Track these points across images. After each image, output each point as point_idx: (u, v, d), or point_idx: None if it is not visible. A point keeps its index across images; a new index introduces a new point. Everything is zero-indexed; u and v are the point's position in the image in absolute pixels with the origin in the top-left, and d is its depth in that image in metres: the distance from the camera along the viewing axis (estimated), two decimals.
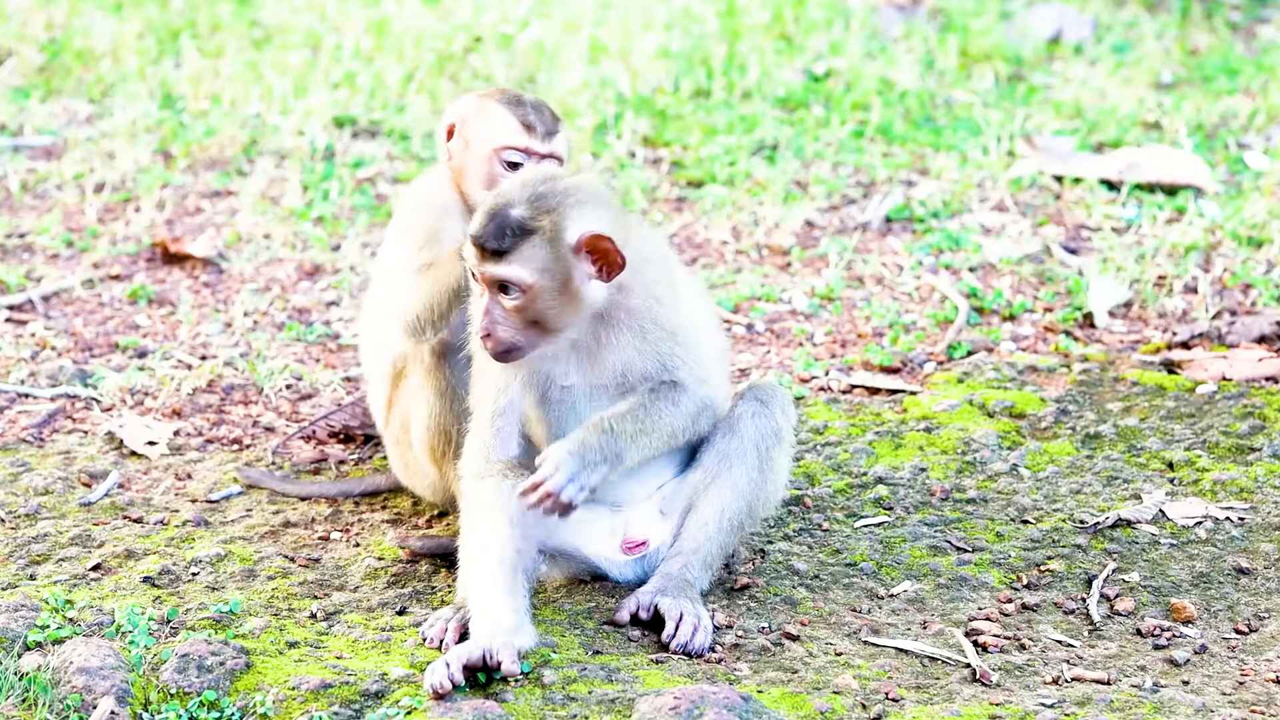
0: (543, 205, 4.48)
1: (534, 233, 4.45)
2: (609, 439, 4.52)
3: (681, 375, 4.63)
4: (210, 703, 4.31)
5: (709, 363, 4.71)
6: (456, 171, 5.05)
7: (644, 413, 4.58)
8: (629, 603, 4.62)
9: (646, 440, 4.58)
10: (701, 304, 4.85)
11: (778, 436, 4.77)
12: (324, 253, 6.95)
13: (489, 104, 5.04)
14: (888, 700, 4.33)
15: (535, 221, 4.46)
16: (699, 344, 4.69)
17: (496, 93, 5.09)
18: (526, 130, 4.99)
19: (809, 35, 9.25)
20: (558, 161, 4.99)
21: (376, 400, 5.18)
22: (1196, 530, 5.11)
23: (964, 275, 6.76)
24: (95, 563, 4.88)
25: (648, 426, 4.57)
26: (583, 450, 4.48)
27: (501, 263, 4.46)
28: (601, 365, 4.62)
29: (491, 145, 4.99)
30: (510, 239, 4.45)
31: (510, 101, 5.04)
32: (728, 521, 4.71)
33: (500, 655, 4.26)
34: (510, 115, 5.00)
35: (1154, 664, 4.56)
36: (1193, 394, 5.81)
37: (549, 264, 4.46)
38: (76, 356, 6.17)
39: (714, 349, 4.79)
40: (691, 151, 7.87)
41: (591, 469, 4.49)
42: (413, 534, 5.11)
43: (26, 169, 7.68)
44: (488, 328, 4.51)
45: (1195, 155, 7.76)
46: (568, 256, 4.47)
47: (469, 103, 5.09)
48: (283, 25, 9.26)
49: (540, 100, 5.09)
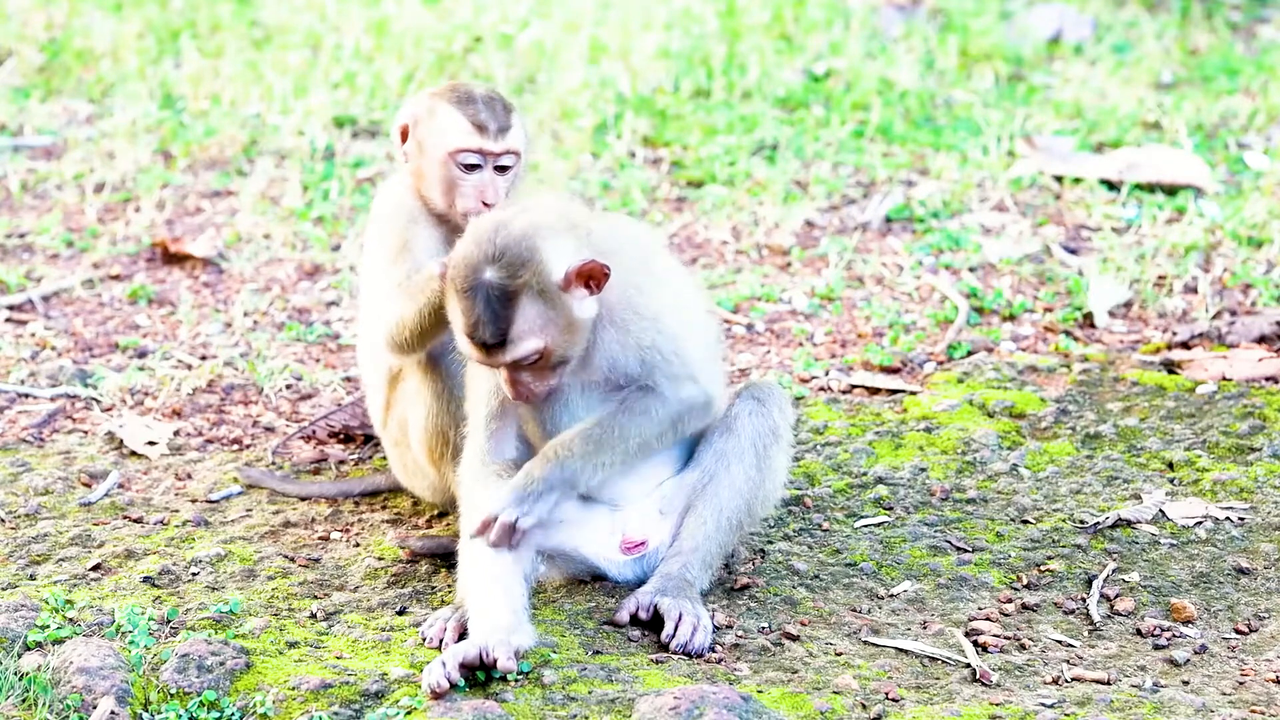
0: (514, 260, 4.39)
1: (519, 293, 4.39)
2: (555, 467, 4.54)
3: (658, 379, 4.59)
4: (210, 703, 4.31)
5: (694, 355, 4.65)
6: (415, 176, 4.94)
7: (602, 431, 4.56)
8: (629, 603, 4.62)
9: (608, 456, 4.57)
10: (686, 289, 4.78)
11: (775, 435, 4.77)
12: (324, 253, 6.95)
13: (439, 104, 4.90)
14: (888, 700, 4.33)
15: (516, 281, 4.38)
16: (684, 334, 4.64)
17: (446, 91, 4.94)
18: (479, 131, 4.85)
19: (809, 35, 9.25)
20: (515, 155, 4.88)
21: (374, 402, 5.18)
22: (1196, 530, 5.11)
23: (964, 275, 6.76)
24: (95, 563, 4.88)
25: (608, 444, 4.56)
26: (526, 484, 4.53)
27: (507, 348, 4.43)
28: (589, 363, 4.61)
29: (445, 149, 4.86)
30: (502, 321, 4.39)
31: (460, 100, 4.88)
32: (726, 521, 4.71)
33: (496, 652, 4.25)
34: (460, 116, 4.86)
35: (1154, 664, 4.56)
36: (1193, 394, 5.81)
37: (548, 315, 4.43)
38: (76, 356, 6.17)
39: (702, 337, 4.73)
40: (691, 151, 7.87)
41: (533, 499, 4.52)
42: (413, 534, 5.11)
43: (26, 169, 7.68)
44: (522, 394, 4.52)
45: (1195, 155, 7.76)
46: (559, 297, 4.43)
47: (420, 103, 4.95)
48: (283, 25, 9.26)
49: (492, 93, 4.95)
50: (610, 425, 4.57)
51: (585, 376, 4.62)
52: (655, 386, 4.60)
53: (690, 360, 4.64)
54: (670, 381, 4.61)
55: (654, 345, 4.58)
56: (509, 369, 4.50)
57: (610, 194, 7.44)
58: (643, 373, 4.60)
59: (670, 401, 4.61)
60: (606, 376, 4.61)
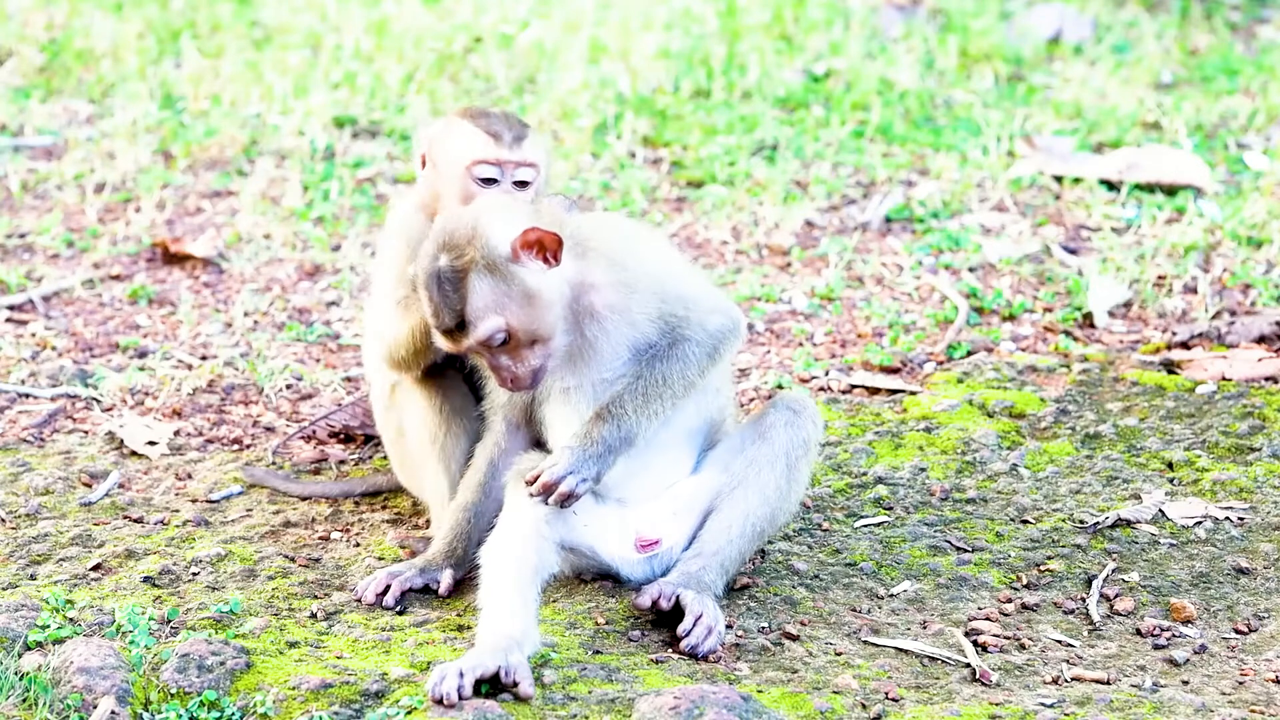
0: (458, 242, 4.45)
1: (468, 272, 4.43)
2: (612, 426, 4.55)
3: (681, 331, 4.63)
4: (210, 702, 4.31)
5: (705, 295, 4.69)
6: (433, 196, 4.95)
7: (648, 384, 4.59)
8: (652, 589, 4.59)
9: (659, 405, 4.59)
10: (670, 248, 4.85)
11: (806, 447, 4.79)
12: (324, 253, 6.95)
13: (454, 122, 4.93)
14: (888, 700, 4.34)
15: (462, 260, 4.43)
16: (687, 283, 4.68)
17: (461, 111, 4.98)
18: (494, 140, 4.85)
19: (809, 35, 9.25)
20: (533, 169, 4.88)
21: (377, 402, 5.19)
22: (1196, 530, 5.11)
23: (964, 275, 6.76)
24: (95, 563, 4.89)
25: (655, 393, 4.59)
26: (584, 443, 4.53)
27: (469, 331, 4.47)
28: (599, 360, 4.62)
29: (462, 163, 4.86)
30: (456, 302, 4.44)
31: (474, 115, 4.92)
32: (750, 528, 4.71)
33: (518, 676, 4.23)
34: (475, 128, 4.87)
35: (1154, 664, 4.56)
36: (1192, 394, 5.81)
37: (500, 289, 4.46)
38: (77, 356, 6.17)
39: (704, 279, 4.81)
40: (691, 151, 7.87)
41: (594, 460, 4.53)
42: (413, 534, 5.11)
43: (27, 169, 7.68)
44: (507, 379, 4.55)
45: (1195, 155, 7.76)
46: (510, 270, 4.46)
47: (436, 127, 5.00)
48: (283, 25, 9.26)
49: (508, 111, 5.00)
50: (653, 376, 4.59)
51: (595, 374, 4.63)
52: (682, 335, 4.63)
53: (703, 300, 4.67)
54: (694, 326, 4.64)
55: (661, 312, 4.62)
56: (486, 356, 4.53)
57: (610, 194, 7.44)
58: (666, 332, 4.63)
59: (701, 340, 4.63)
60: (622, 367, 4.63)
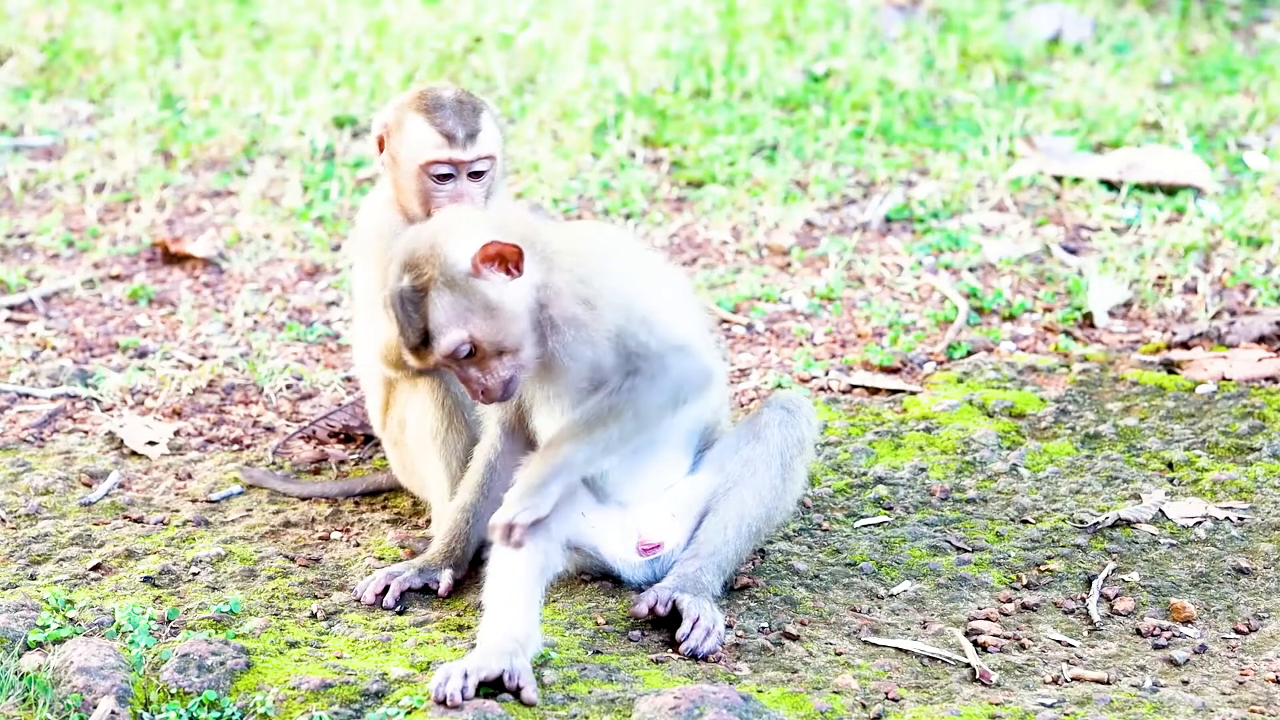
0: (418, 260, 4.44)
1: (428, 289, 4.42)
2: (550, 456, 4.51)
3: (638, 362, 4.54)
4: (210, 702, 4.31)
5: (677, 330, 4.59)
6: (395, 188, 4.93)
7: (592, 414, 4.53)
8: (648, 596, 4.60)
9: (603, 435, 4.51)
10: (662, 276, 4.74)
11: (801, 446, 4.78)
12: (324, 253, 6.95)
13: (406, 115, 4.86)
14: (888, 700, 4.34)
15: (422, 278, 4.43)
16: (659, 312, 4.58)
17: (415, 99, 4.88)
18: (448, 141, 4.81)
19: (809, 35, 9.25)
20: (488, 160, 4.85)
21: (373, 404, 5.19)
22: (1196, 530, 5.11)
23: (964, 275, 6.76)
24: (95, 563, 4.89)
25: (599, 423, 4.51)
26: (525, 481, 4.51)
27: (434, 345, 4.46)
28: (570, 372, 4.59)
29: (416, 161, 4.83)
30: (418, 319, 4.44)
31: (428, 108, 4.83)
32: (747, 528, 4.71)
33: (522, 681, 4.24)
34: (428, 126, 4.82)
35: (1154, 664, 4.56)
36: (1192, 394, 5.81)
37: (461, 304, 4.45)
38: (77, 356, 6.17)
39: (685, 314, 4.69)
40: (691, 151, 7.87)
41: (533, 493, 4.48)
42: (413, 534, 5.11)
43: (27, 169, 7.69)
44: (477, 390, 4.53)
45: (1195, 155, 7.76)
46: (470, 284, 4.44)
47: (391, 113, 4.92)
48: (283, 25, 9.26)
49: (461, 97, 4.89)
50: (600, 406, 4.53)
51: (570, 385, 4.59)
52: (640, 367, 4.55)
53: (673, 335, 4.57)
54: (653, 359, 4.53)
55: (622, 331, 4.52)
56: (456, 369, 4.51)
57: (610, 194, 7.44)
58: (625, 360, 4.57)
59: (659, 377, 4.54)
60: (590, 378, 4.59)
